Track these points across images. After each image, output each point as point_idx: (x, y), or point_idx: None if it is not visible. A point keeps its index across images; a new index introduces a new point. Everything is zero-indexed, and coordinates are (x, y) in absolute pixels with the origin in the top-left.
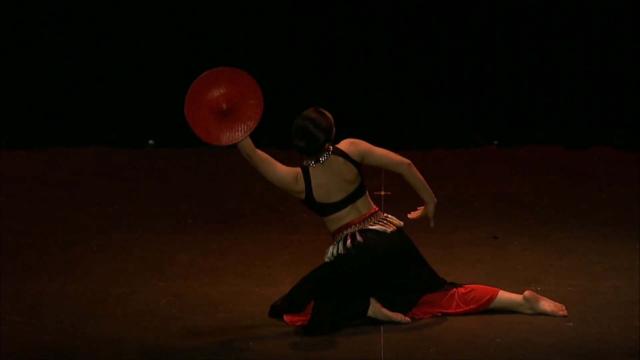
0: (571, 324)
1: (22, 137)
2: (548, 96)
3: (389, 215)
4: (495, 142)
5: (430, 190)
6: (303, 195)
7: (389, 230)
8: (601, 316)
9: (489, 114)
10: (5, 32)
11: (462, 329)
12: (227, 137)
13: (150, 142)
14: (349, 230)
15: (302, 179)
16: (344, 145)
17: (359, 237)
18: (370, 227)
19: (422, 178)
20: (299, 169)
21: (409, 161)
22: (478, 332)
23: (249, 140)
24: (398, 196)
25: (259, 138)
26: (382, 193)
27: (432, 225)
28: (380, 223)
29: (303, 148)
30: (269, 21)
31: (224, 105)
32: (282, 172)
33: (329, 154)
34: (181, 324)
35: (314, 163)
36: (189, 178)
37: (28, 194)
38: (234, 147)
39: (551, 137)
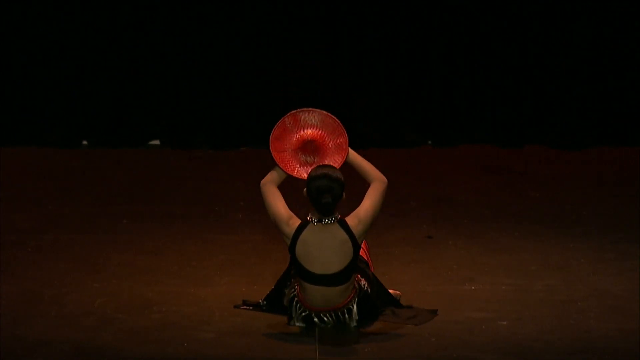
0: (506, 322)
1: None
2: (482, 96)
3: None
4: (430, 141)
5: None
6: (288, 241)
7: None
8: (536, 314)
9: (423, 114)
10: None
11: (397, 328)
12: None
13: (84, 142)
14: (308, 313)
15: (295, 227)
16: (351, 220)
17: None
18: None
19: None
20: (296, 218)
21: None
22: (413, 331)
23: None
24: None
25: (194, 138)
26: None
27: None
28: (346, 312)
29: (329, 204)
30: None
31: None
32: (283, 206)
33: (335, 219)
34: (116, 325)
35: (316, 221)
36: (124, 178)
37: None
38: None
39: (485, 136)
